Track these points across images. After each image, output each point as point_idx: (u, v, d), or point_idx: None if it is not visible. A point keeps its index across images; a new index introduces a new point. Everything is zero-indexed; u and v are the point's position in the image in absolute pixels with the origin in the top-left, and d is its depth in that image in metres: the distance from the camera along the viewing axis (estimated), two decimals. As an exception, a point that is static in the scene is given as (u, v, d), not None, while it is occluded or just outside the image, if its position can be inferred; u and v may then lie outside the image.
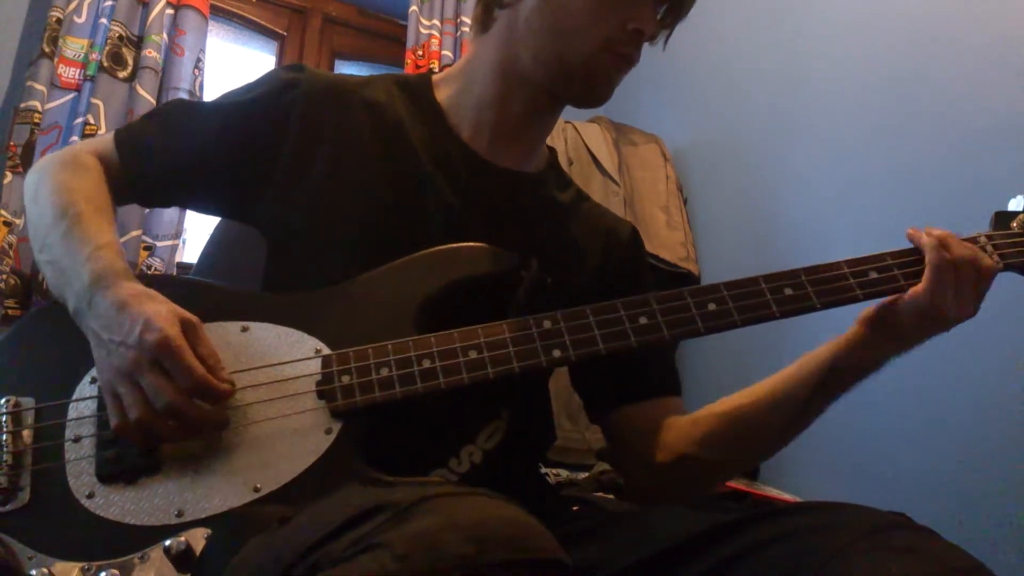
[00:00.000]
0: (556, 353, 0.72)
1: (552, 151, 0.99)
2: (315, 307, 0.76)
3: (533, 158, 0.94)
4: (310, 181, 0.83)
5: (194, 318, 0.69)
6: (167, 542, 0.62)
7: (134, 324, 0.66)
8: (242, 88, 0.89)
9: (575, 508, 0.88)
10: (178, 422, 0.65)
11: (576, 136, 2.21)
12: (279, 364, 0.71)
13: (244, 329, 0.74)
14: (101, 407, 0.69)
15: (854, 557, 0.53)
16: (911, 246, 0.79)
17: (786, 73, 1.99)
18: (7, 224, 1.77)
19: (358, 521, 0.45)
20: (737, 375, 1.94)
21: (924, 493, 1.44)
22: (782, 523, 0.61)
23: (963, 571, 0.52)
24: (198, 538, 0.63)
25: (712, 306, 0.75)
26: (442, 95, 0.90)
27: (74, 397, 0.70)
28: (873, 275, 0.76)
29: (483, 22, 0.89)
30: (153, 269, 1.94)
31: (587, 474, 1.68)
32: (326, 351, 0.72)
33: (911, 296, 0.75)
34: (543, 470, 1.60)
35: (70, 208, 0.77)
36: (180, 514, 0.65)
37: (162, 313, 0.67)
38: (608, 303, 0.75)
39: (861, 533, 0.55)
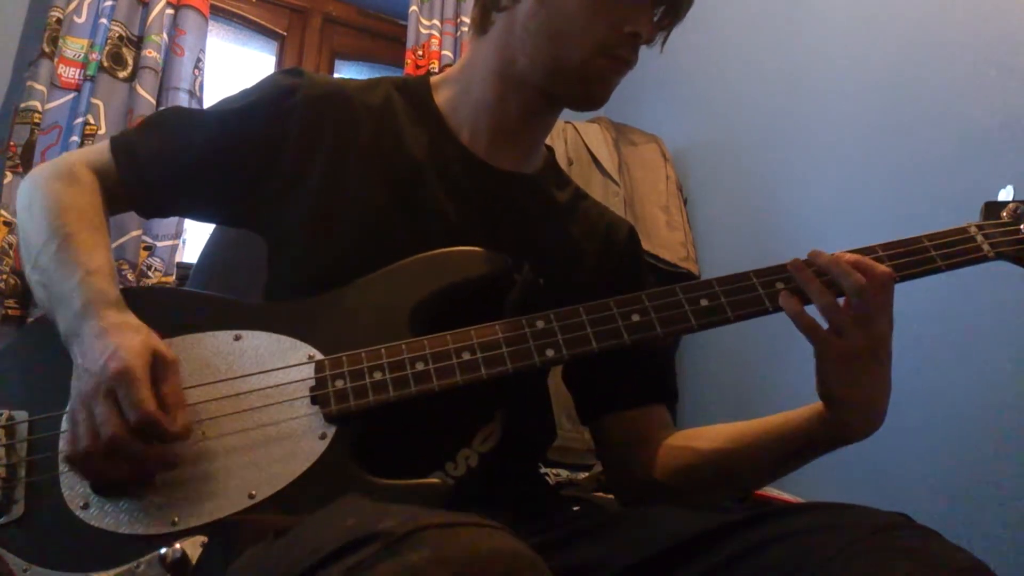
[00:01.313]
0: (550, 353, 0.72)
1: (550, 150, 0.99)
2: (308, 314, 0.75)
3: (532, 159, 0.94)
4: (309, 185, 0.82)
5: (170, 355, 0.67)
6: (163, 550, 0.62)
7: (103, 352, 0.65)
8: (240, 94, 0.88)
9: (575, 508, 0.88)
10: (117, 458, 0.63)
11: (576, 136, 2.21)
12: (272, 371, 0.71)
13: (237, 338, 0.74)
14: None
15: (856, 558, 0.53)
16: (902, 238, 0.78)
17: (786, 73, 1.99)
18: (7, 224, 1.77)
19: (349, 549, 0.45)
20: (737, 375, 1.95)
21: (925, 493, 1.44)
22: (783, 523, 0.60)
23: (965, 571, 0.52)
24: (194, 546, 0.63)
25: (704, 302, 0.75)
26: (441, 98, 0.90)
27: (67, 409, 0.70)
28: None
29: (480, 25, 0.88)
30: (153, 269, 1.95)
31: (587, 474, 1.68)
32: (319, 356, 0.72)
33: (816, 355, 0.73)
34: (543, 470, 1.60)
35: (62, 228, 0.76)
36: (175, 522, 0.64)
37: (133, 344, 0.66)
38: (601, 301, 0.75)
39: (863, 534, 0.55)
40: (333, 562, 0.45)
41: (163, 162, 0.84)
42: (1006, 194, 0.83)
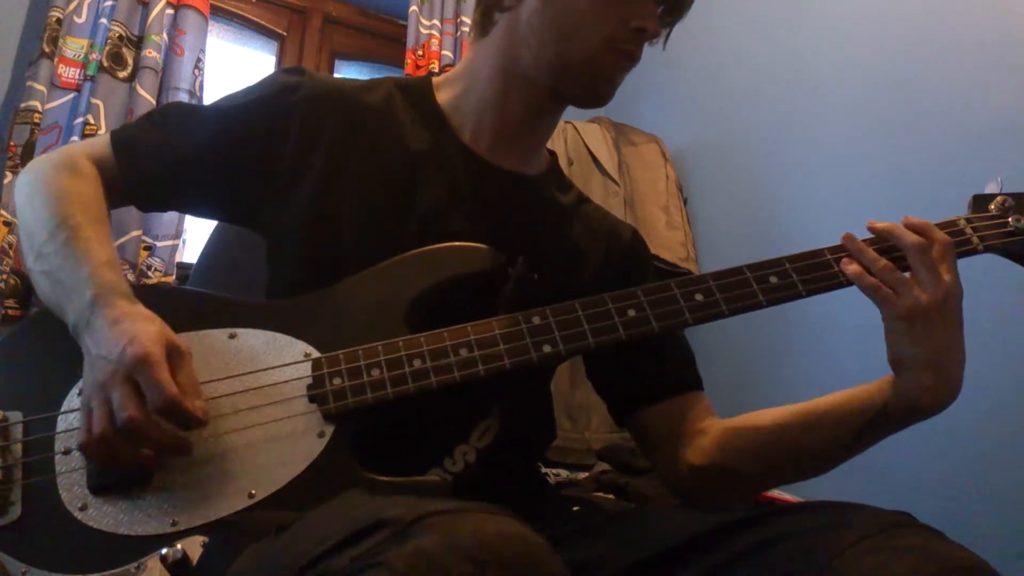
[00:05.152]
0: (546, 348, 0.72)
1: (553, 154, 0.99)
2: (304, 311, 0.75)
3: (534, 160, 0.94)
4: (309, 183, 0.83)
5: (184, 346, 0.68)
6: (163, 551, 0.62)
7: (120, 339, 0.65)
8: (242, 91, 0.88)
9: (575, 508, 0.88)
10: (135, 441, 0.63)
11: (576, 136, 2.21)
12: (268, 369, 0.71)
13: (232, 336, 0.73)
14: None
15: (858, 556, 0.53)
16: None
17: (786, 73, 1.99)
18: (7, 224, 1.77)
19: (358, 537, 0.45)
20: (737, 374, 1.95)
21: (926, 492, 1.44)
22: (785, 522, 0.60)
23: (967, 570, 0.52)
24: (194, 546, 0.62)
25: (699, 297, 0.75)
26: (443, 97, 0.90)
27: (62, 409, 0.70)
28: None
29: (483, 26, 0.88)
30: (153, 269, 1.95)
31: (587, 474, 1.68)
32: (315, 355, 0.72)
33: (883, 318, 0.72)
34: (543, 470, 1.60)
35: (68, 219, 0.76)
36: (175, 523, 0.64)
37: (150, 331, 0.66)
38: (596, 297, 0.75)
39: (865, 532, 0.55)
40: (341, 551, 0.45)
41: (162, 157, 0.84)
42: (994, 187, 0.83)
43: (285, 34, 2.53)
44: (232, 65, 2.49)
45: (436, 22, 2.44)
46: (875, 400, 0.75)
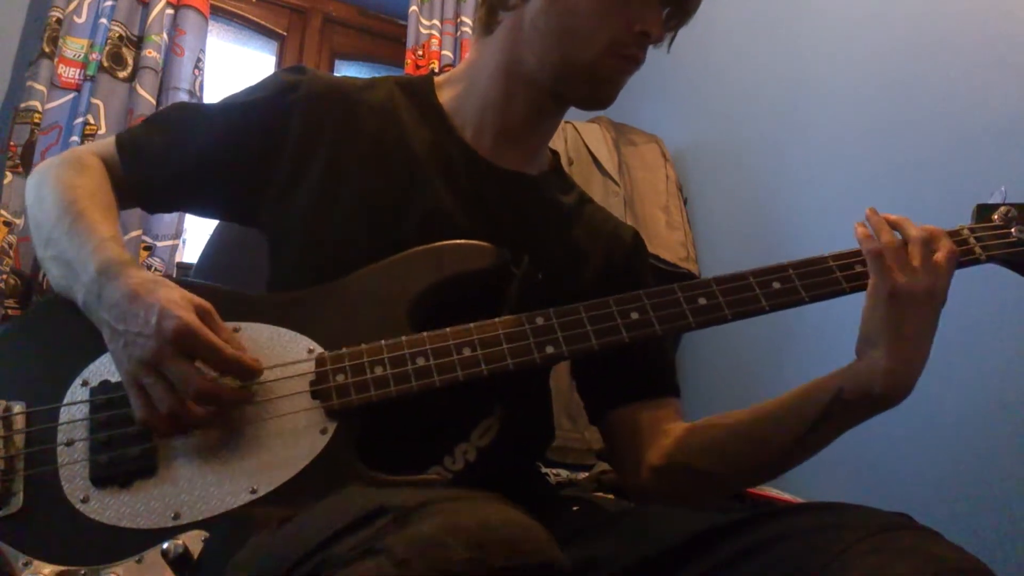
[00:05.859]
0: (549, 349, 0.73)
1: (555, 154, 0.99)
2: (308, 306, 0.76)
3: (536, 160, 0.94)
4: (310, 182, 0.83)
5: (207, 304, 0.69)
6: (164, 545, 0.62)
7: (149, 313, 0.65)
8: (244, 91, 0.89)
9: (575, 508, 0.88)
10: (210, 405, 0.66)
11: (576, 136, 2.21)
12: (272, 365, 0.71)
13: (236, 330, 0.73)
14: (93, 410, 0.69)
15: (856, 558, 0.53)
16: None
17: (786, 73, 1.99)
18: (7, 224, 1.77)
19: (360, 524, 0.45)
20: (737, 376, 1.95)
21: (926, 493, 1.44)
22: (784, 523, 0.60)
23: (966, 572, 0.52)
24: (196, 540, 0.63)
25: (702, 300, 0.75)
26: (445, 96, 0.90)
27: (65, 401, 0.70)
28: (859, 267, 0.77)
29: (487, 24, 0.88)
30: (153, 269, 1.94)
31: (587, 474, 1.68)
32: (319, 351, 0.72)
33: (869, 291, 0.73)
34: (543, 470, 1.60)
35: (74, 204, 0.77)
36: (177, 516, 0.64)
37: (175, 299, 0.67)
38: (600, 300, 0.75)
39: (864, 534, 0.55)
40: (342, 538, 0.45)
41: (167, 159, 0.85)
42: (997, 196, 0.84)
43: (285, 34, 2.53)
44: (232, 65, 2.49)
45: (436, 22, 2.45)
46: (830, 385, 0.75)
